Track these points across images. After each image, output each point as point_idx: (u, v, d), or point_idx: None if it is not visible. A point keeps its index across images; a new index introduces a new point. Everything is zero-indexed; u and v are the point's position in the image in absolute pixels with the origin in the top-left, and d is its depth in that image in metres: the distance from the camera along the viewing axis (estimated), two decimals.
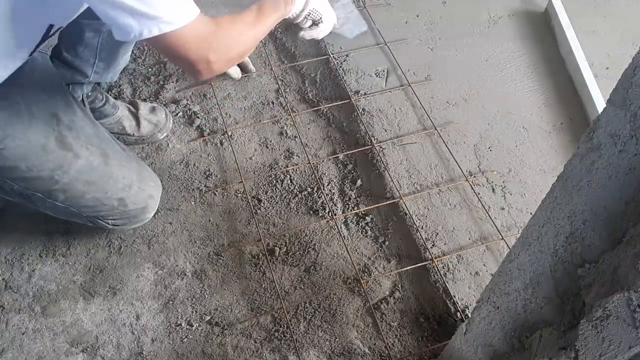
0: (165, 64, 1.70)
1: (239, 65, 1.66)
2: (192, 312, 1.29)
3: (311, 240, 1.41)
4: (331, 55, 1.75)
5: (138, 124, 1.50)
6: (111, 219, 1.24)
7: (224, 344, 1.26)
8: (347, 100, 1.65)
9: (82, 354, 1.23)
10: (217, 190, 1.48)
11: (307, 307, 1.31)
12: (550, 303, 0.72)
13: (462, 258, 1.39)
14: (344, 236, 1.42)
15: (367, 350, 1.26)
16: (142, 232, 1.39)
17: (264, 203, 1.46)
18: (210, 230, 1.42)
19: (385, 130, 1.61)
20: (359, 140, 1.59)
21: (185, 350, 1.24)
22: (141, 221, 1.30)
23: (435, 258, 1.37)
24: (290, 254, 1.38)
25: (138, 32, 0.84)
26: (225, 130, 1.58)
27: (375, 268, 1.37)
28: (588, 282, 0.63)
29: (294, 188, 1.49)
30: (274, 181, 1.50)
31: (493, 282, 0.90)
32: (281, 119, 1.63)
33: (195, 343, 1.25)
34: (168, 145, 1.55)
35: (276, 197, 1.48)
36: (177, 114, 1.61)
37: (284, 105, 1.66)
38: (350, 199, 1.48)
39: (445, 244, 1.41)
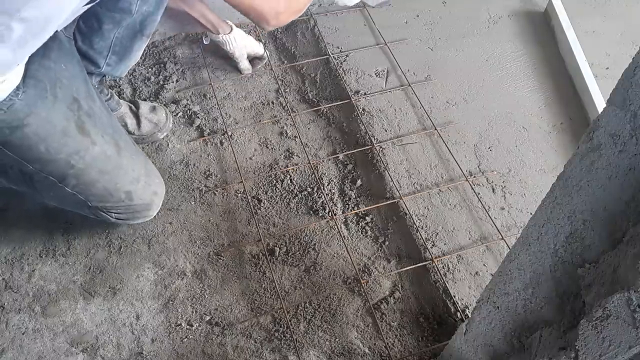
0: (165, 64, 1.70)
1: (250, 61, 1.69)
2: (192, 312, 1.29)
3: (311, 240, 1.41)
4: (331, 55, 1.75)
5: (138, 123, 1.50)
6: (115, 212, 1.24)
7: (224, 344, 1.26)
8: (347, 100, 1.65)
9: (82, 354, 1.23)
10: (217, 190, 1.48)
11: (307, 307, 1.31)
12: (550, 303, 0.72)
13: (462, 258, 1.39)
14: (344, 236, 1.42)
15: (367, 350, 1.26)
16: (142, 232, 1.39)
17: (264, 203, 1.46)
18: (210, 230, 1.42)
19: (385, 130, 1.61)
20: (359, 140, 1.59)
21: (185, 350, 1.24)
22: (144, 218, 1.30)
23: (435, 258, 1.37)
24: (290, 254, 1.38)
25: None
26: (225, 130, 1.58)
27: (375, 268, 1.37)
28: (588, 282, 0.63)
29: (294, 188, 1.49)
30: (274, 181, 1.50)
31: (493, 282, 0.90)
32: (281, 119, 1.63)
33: (195, 343, 1.25)
34: (168, 145, 1.55)
35: (276, 197, 1.48)
36: (177, 114, 1.61)
37: (284, 105, 1.66)
38: (350, 199, 1.48)
39: (445, 244, 1.41)
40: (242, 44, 1.62)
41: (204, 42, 1.63)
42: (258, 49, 1.67)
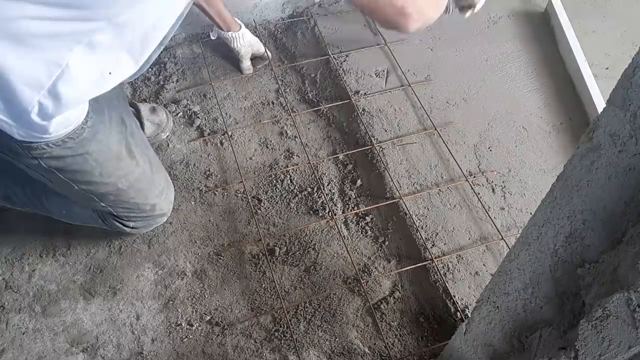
0: (165, 64, 1.70)
1: (251, 60, 1.70)
2: (192, 312, 1.29)
3: (311, 240, 1.41)
4: (331, 55, 1.75)
5: (142, 126, 1.50)
6: (134, 222, 1.24)
7: (224, 344, 1.26)
8: (347, 100, 1.65)
9: (82, 354, 1.23)
10: (217, 190, 1.48)
11: (307, 307, 1.31)
12: (550, 303, 0.72)
13: (462, 258, 1.39)
14: (344, 236, 1.42)
15: (367, 350, 1.26)
16: (143, 232, 1.39)
17: (264, 203, 1.46)
18: (210, 230, 1.42)
19: (385, 130, 1.61)
20: (359, 140, 1.59)
21: (185, 350, 1.24)
22: (156, 224, 1.31)
23: (435, 258, 1.37)
24: (290, 254, 1.38)
25: None
26: (225, 130, 1.58)
27: (375, 268, 1.37)
28: (588, 282, 0.63)
29: (294, 188, 1.49)
30: (274, 181, 1.50)
31: (493, 282, 0.90)
32: (281, 119, 1.63)
33: (195, 343, 1.25)
34: (168, 145, 1.55)
35: (276, 197, 1.48)
36: (177, 114, 1.61)
37: (284, 105, 1.66)
38: (350, 199, 1.48)
39: (445, 244, 1.41)
40: (248, 43, 1.63)
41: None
42: (262, 49, 1.68)
